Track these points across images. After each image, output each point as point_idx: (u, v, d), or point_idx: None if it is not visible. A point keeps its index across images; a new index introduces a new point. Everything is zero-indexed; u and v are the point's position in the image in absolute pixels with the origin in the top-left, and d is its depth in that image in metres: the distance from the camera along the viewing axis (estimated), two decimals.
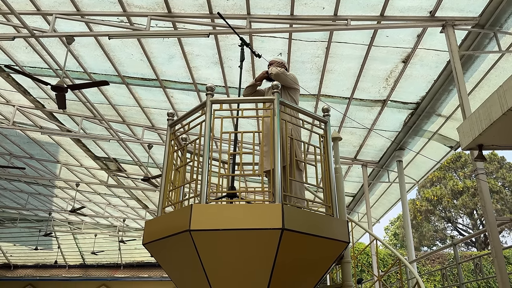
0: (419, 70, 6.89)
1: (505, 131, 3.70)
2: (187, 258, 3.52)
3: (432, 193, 33.39)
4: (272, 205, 3.32)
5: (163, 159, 4.15)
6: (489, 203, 4.70)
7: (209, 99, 3.89)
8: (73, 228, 19.72)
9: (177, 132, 4.28)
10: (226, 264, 3.45)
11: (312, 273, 3.78)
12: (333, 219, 3.76)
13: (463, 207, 34.21)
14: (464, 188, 34.24)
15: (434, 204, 34.02)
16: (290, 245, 3.33)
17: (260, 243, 3.33)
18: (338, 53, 6.70)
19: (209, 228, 3.29)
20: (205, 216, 3.34)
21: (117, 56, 7.45)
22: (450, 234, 36.97)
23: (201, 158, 3.68)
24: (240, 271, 3.46)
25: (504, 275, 4.37)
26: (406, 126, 8.48)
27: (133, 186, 14.16)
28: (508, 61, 6.18)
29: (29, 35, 6.11)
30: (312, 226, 3.48)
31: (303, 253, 3.53)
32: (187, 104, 8.81)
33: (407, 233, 8.80)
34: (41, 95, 9.15)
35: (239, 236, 3.31)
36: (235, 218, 3.32)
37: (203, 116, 3.83)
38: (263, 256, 3.36)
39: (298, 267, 3.61)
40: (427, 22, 5.74)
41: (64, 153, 12.08)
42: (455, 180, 34.30)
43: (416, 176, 10.63)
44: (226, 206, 3.65)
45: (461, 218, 36.44)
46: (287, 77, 4.35)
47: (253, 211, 3.38)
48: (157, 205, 4.00)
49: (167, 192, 4.01)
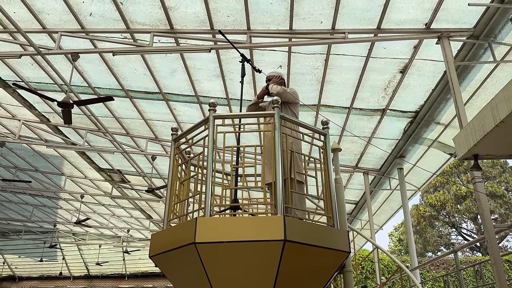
0: (416, 79, 7.03)
1: (498, 141, 3.82)
2: (192, 270, 3.63)
3: (435, 198, 33.33)
4: (274, 217, 3.43)
5: (168, 173, 4.27)
6: (487, 211, 4.81)
7: (212, 114, 3.99)
8: (78, 239, 19.84)
9: (181, 146, 4.39)
10: (230, 275, 3.56)
11: (315, 283, 3.88)
12: (334, 229, 3.86)
13: (467, 211, 34.15)
14: (467, 192, 34.22)
15: (437, 210, 33.95)
16: (292, 256, 3.44)
17: (263, 254, 3.43)
18: (337, 64, 6.84)
19: (213, 241, 3.40)
20: (210, 229, 3.45)
21: (121, 71, 7.62)
22: (454, 239, 36.90)
23: (205, 171, 3.79)
24: (244, 282, 3.57)
25: (503, 281, 4.46)
26: (405, 134, 8.60)
27: (137, 197, 14.28)
28: (503, 70, 6.31)
29: (35, 52, 6.28)
30: (313, 237, 3.59)
31: (305, 263, 3.63)
32: (190, 116, 8.97)
33: (409, 239, 8.89)
34: (46, 109, 9.32)
35: (243, 248, 3.41)
36: (238, 231, 3.43)
37: (206, 131, 3.95)
38: (267, 266, 3.46)
39: (300, 277, 3.72)
40: (423, 34, 5.89)
41: (68, 166, 12.23)
42: (458, 185, 34.30)
43: (417, 183, 10.73)
44: (229, 219, 3.77)
45: (465, 223, 36.37)
46: (288, 94, 4.48)
47: (256, 223, 3.49)
48: (163, 218, 4.12)
49: (172, 205, 4.14)
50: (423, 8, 5.60)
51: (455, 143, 4.30)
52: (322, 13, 5.85)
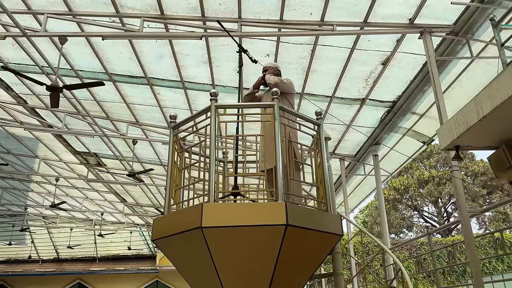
0: (396, 71, 7.36)
1: (479, 135, 4.17)
2: (197, 253, 3.81)
3: (399, 182, 34.64)
4: (277, 203, 3.65)
5: (167, 160, 4.39)
6: (462, 196, 5.22)
7: (214, 104, 4.13)
8: (48, 222, 19.47)
9: (180, 134, 4.50)
10: (234, 258, 3.77)
11: (311, 264, 4.16)
12: (328, 214, 4.14)
13: (429, 195, 35.84)
14: (429, 177, 35.83)
15: (401, 193, 35.37)
16: (293, 239, 3.68)
17: (266, 238, 3.65)
18: (322, 55, 7.06)
19: (219, 225, 3.59)
20: (215, 214, 3.63)
21: (106, 54, 7.55)
22: (416, 221, 38.69)
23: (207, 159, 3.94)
24: (247, 264, 3.79)
25: (476, 260, 4.90)
26: (382, 123, 8.99)
27: (113, 180, 14.19)
28: (478, 66, 6.72)
29: (20, 34, 6.14)
30: (311, 221, 3.84)
31: (303, 246, 3.89)
32: (173, 101, 9.00)
33: (383, 222, 9.39)
34: (24, 91, 9.09)
35: (247, 232, 3.62)
36: (242, 216, 3.64)
37: (203, 119, 4.10)
38: (269, 249, 3.69)
39: (298, 258, 3.98)
40: (406, 29, 6.17)
41: (43, 148, 11.99)
42: (421, 170, 35.84)
43: (390, 168, 11.25)
44: (234, 205, 3.96)
45: (427, 206, 38.15)
46: (285, 85, 4.66)
47: (259, 208, 3.71)
48: (164, 204, 4.26)
49: (173, 192, 4.28)
50: (408, 4, 5.87)
51: (438, 135, 4.63)
52: (312, 5, 6.02)
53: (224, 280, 3.78)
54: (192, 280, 4.22)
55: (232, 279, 3.81)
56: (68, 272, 22.15)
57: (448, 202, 36.24)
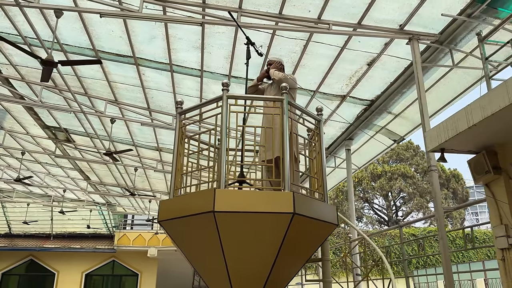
0: (380, 72, 7.76)
1: (465, 140, 4.60)
2: (206, 236, 3.99)
3: (354, 175, 35.98)
4: (285, 192, 3.90)
5: (173, 145, 4.51)
6: (438, 194, 5.70)
7: (225, 94, 4.28)
8: (3, 196, 18.68)
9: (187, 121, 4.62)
10: (241, 242, 3.99)
11: (308, 249, 4.47)
12: (326, 205, 4.45)
13: (380, 189, 37.61)
14: (382, 172, 37.54)
15: (354, 185, 36.81)
16: (297, 227, 3.95)
17: (273, 224, 3.90)
18: (313, 51, 7.32)
19: (230, 210, 3.79)
20: (227, 199, 3.83)
21: (95, 30, 7.40)
22: (367, 213, 40.59)
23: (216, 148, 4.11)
24: (253, 248, 4.03)
25: (447, 252, 5.41)
26: (358, 119, 9.43)
27: (80, 158, 13.88)
28: (456, 74, 7.25)
29: (13, 3, 5.93)
30: (314, 211, 4.14)
31: (304, 233, 4.18)
32: (158, 82, 8.97)
33: (351, 213, 9.88)
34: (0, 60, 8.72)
35: (255, 218, 3.86)
36: (252, 203, 3.86)
37: (212, 108, 4.26)
38: (274, 235, 3.94)
39: (299, 245, 4.26)
40: (396, 34, 6.54)
41: (11, 120, 11.52)
42: (375, 165, 37.46)
43: (359, 163, 11.80)
44: (244, 192, 4.17)
45: (377, 199, 40.05)
46: (289, 80, 4.88)
47: (268, 197, 3.95)
48: (169, 188, 4.40)
49: (179, 176, 4.41)
50: (401, 11, 6.22)
51: (426, 137, 5.04)
52: (312, 2, 6.23)
53: (230, 261, 4.00)
54: (196, 260, 4.40)
55: (237, 261, 4.03)
56: (20, 248, 21.45)
57: (398, 196, 38.23)
